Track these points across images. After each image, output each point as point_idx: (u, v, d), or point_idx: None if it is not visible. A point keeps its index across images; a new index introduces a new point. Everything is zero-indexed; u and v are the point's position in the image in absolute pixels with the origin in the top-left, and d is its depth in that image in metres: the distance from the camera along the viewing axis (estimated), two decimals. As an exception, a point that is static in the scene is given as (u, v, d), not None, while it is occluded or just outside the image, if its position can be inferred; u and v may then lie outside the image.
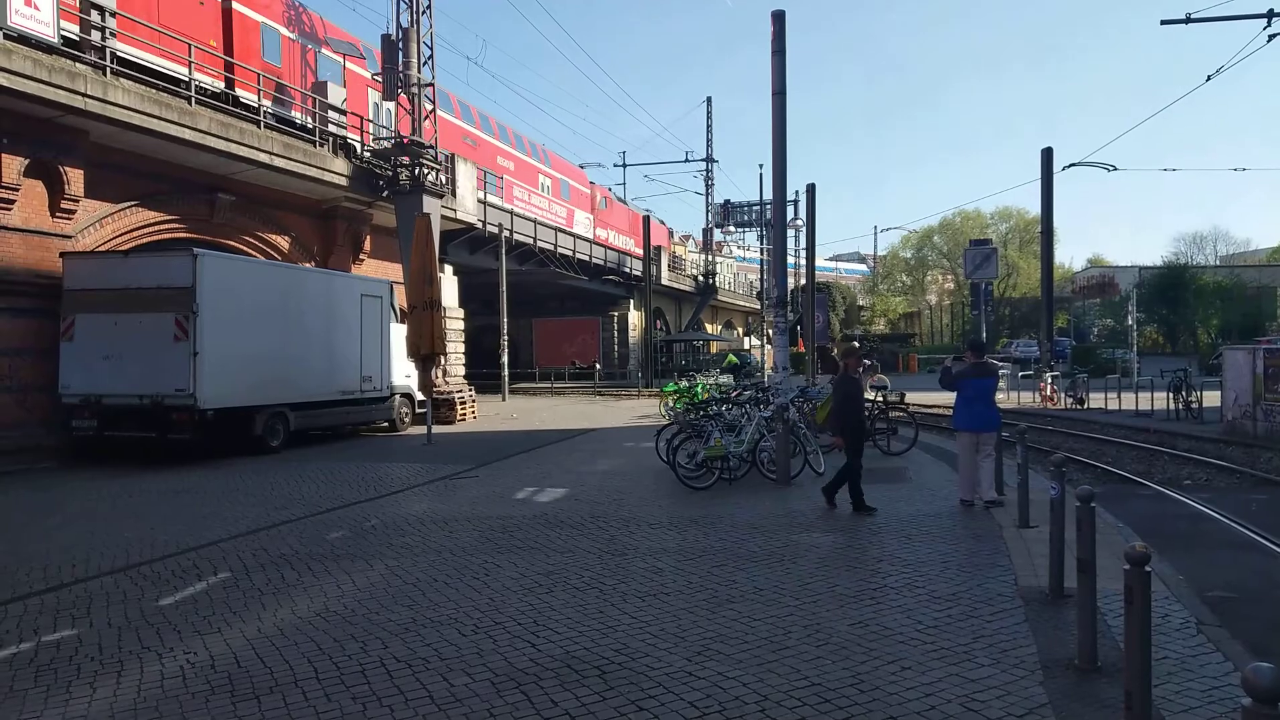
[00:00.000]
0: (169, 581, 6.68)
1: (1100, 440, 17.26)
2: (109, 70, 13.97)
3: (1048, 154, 27.06)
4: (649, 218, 45.27)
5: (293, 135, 18.36)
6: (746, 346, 59.86)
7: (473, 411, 22.35)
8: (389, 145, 21.37)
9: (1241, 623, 5.82)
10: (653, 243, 44.00)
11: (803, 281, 38.25)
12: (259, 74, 18.03)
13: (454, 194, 23.10)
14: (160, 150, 15.67)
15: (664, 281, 47.36)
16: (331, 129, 19.83)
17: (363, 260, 22.23)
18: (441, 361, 19.42)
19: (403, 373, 18.75)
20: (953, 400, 9.65)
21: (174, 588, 6.50)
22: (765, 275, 48.14)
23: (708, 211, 59.21)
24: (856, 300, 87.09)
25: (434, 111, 21.77)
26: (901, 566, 6.82)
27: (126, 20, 14.95)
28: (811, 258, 31.85)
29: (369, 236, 22.27)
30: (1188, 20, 17.12)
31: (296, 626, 5.52)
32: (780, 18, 11.65)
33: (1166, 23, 26.90)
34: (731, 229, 58.83)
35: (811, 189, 33.92)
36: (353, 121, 20.86)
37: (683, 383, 21.51)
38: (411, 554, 7.48)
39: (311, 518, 9.22)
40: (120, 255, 14.63)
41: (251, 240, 19.18)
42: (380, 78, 21.28)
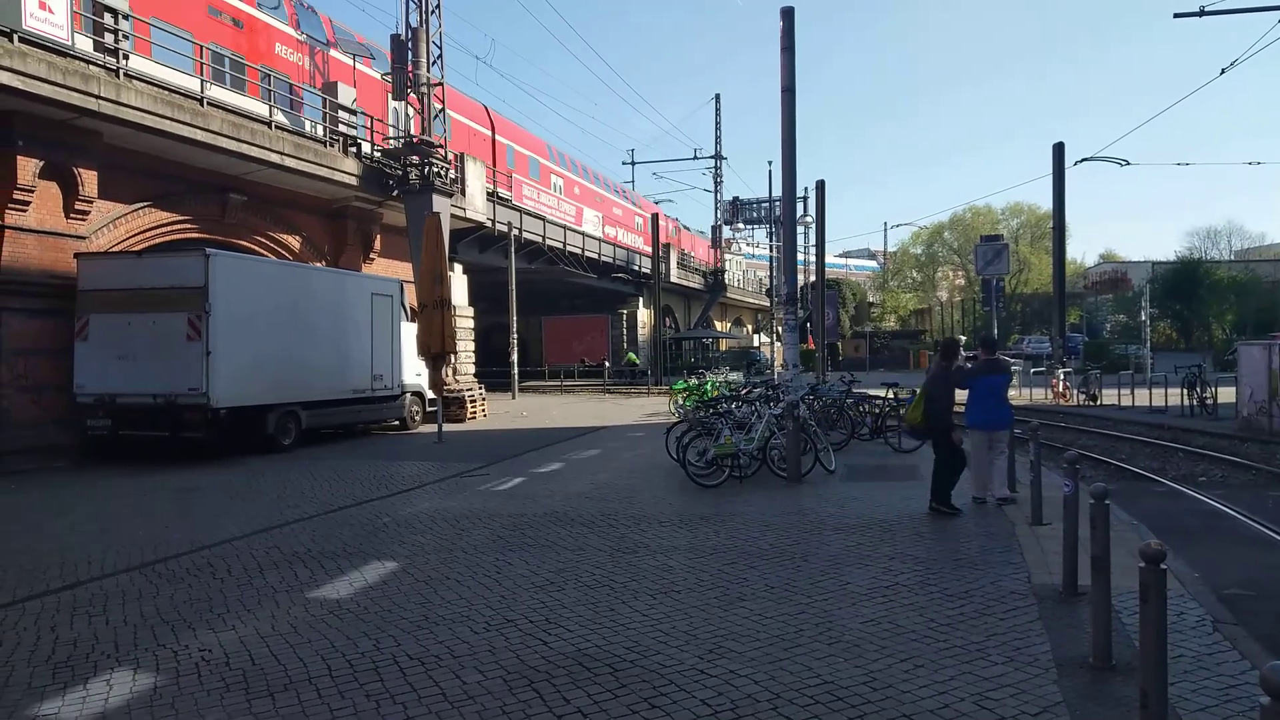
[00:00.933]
0: (183, 579, 6.73)
1: (1114, 437, 17.16)
2: (121, 72, 14.06)
3: (1059, 149, 26.93)
4: (657, 216, 45.27)
5: (303, 135, 18.45)
6: (756, 344, 59.85)
7: (483, 409, 22.41)
8: (398, 145, 21.43)
9: (1258, 620, 5.78)
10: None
11: (812, 278, 38.21)
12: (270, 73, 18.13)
13: (464, 193, 23.16)
14: (173, 151, 15.77)
15: (673, 279, 47.34)
16: (342, 129, 19.90)
17: (373, 259, 22.30)
18: (452, 360, 19.48)
19: (413, 371, 18.83)
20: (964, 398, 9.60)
21: (188, 585, 6.55)
22: (775, 272, 48.03)
23: (716, 208, 59.23)
24: (866, 297, 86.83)
25: (443, 110, 21.83)
26: (914, 564, 6.79)
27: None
28: (821, 254, 31.84)
29: (379, 236, 22.35)
30: (1201, 13, 16.92)
31: (310, 624, 5.54)
32: (789, 14, 11.60)
33: (1180, 15, 26.54)
34: (740, 226, 58.89)
35: (821, 185, 33.93)
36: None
37: (692, 380, 21.50)
38: (423, 552, 7.51)
39: (324, 516, 9.27)
40: (134, 256, 14.73)
41: (263, 240, 19.28)
42: (390, 78, 21.36)
